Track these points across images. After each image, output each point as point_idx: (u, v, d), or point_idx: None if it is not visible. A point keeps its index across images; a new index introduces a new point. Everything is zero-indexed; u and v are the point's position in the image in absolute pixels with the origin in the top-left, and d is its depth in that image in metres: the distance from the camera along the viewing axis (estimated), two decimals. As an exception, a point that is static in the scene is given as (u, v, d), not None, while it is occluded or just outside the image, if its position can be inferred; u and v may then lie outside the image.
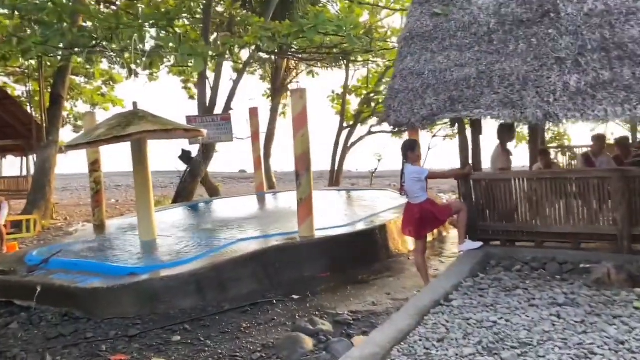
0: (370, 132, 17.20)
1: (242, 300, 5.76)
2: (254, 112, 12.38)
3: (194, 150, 13.56)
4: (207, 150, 13.21)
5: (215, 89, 13.16)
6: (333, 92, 20.16)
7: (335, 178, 16.51)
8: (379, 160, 18.23)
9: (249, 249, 6.58)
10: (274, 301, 5.68)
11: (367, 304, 5.43)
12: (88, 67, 24.93)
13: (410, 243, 7.89)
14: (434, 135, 14.73)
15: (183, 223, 9.21)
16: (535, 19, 5.48)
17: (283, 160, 28.10)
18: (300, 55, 15.02)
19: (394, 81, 5.92)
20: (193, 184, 13.23)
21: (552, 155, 8.80)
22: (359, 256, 7.10)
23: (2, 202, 10.12)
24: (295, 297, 5.80)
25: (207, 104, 13.04)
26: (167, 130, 6.90)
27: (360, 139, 17.05)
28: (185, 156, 13.26)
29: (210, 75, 13.97)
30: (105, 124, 7.18)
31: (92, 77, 25.49)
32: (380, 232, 7.44)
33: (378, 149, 17.99)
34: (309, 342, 4.43)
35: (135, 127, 6.72)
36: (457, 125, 5.84)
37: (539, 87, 4.92)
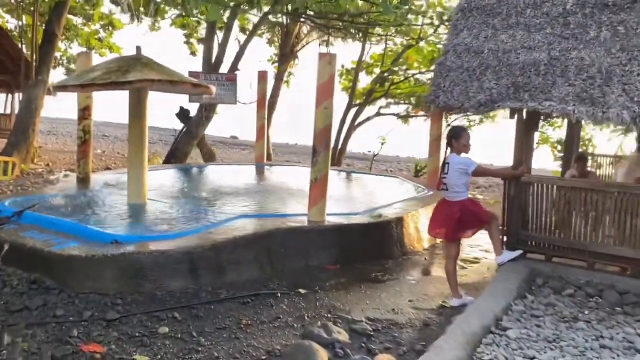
0: (378, 113, 16.37)
1: (241, 288, 5.00)
2: (262, 76, 11.46)
3: (193, 109, 12.66)
4: (207, 111, 12.30)
5: (223, 46, 12.21)
6: (342, 66, 19.21)
7: (337, 157, 15.69)
8: (382, 144, 17.39)
9: (252, 228, 5.79)
10: (279, 294, 4.92)
11: (387, 311, 4.70)
12: (87, 7, 23.68)
13: (425, 241, 7.17)
14: (448, 125, 13.91)
15: (176, 188, 8.39)
16: (624, 4, 4.67)
17: (279, 131, 27.03)
18: (318, 21, 14.04)
19: (445, 57, 5.10)
20: (188, 146, 12.36)
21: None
22: (371, 250, 6.36)
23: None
24: (302, 291, 5.05)
25: (213, 62, 12.09)
26: (173, 82, 6.03)
27: (368, 119, 16.21)
28: (182, 114, 12.34)
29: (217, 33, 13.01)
30: (102, 66, 6.27)
31: (90, 19, 24.22)
32: (396, 225, 6.68)
33: (382, 132, 16.83)
34: (323, 355, 3.69)
35: (137, 74, 5.84)
36: (516, 117, 5.02)
37: (627, 84, 4.14)
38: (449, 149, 4.67)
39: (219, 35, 12.79)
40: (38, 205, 6.26)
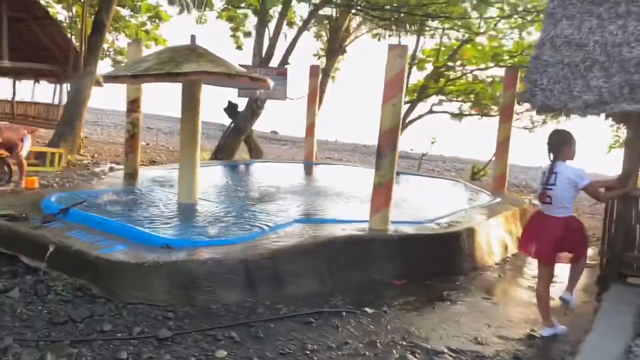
0: (431, 111, 15.65)
1: (301, 303, 4.52)
2: (314, 71, 10.96)
3: (241, 103, 12.29)
4: (257, 106, 11.90)
5: (274, 40, 11.78)
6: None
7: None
8: (433, 143, 16.65)
9: (310, 235, 5.31)
10: (344, 313, 4.42)
11: (469, 339, 4.13)
12: (135, -1, 23.72)
13: (496, 255, 6.54)
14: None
15: (226, 186, 7.99)
16: None
17: (322, 128, 26.54)
18: (373, 13, 13.46)
19: (541, 50, 4.48)
20: (236, 141, 12.00)
21: None
22: (440, 264, 5.79)
23: (25, 134, 9.04)
24: (369, 310, 4.54)
25: (263, 56, 11.69)
26: (231, 75, 5.60)
27: (420, 117, 15.51)
28: (231, 109, 11.98)
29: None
30: (154, 56, 5.90)
31: (138, 10, 24.29)
32: (467, 237, 6.08)
33: (427, 130, 16.12)
34: (406, 396, 3.17)
35: (193, 66, 5.43)
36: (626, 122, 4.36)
37: None
38: (551, 155, 4.05)
39: (269, 29, 12.38)
40: (85, 202, 5.95)
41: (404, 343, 3.97)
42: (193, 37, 6.20)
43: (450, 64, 14.51)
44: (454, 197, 8.39)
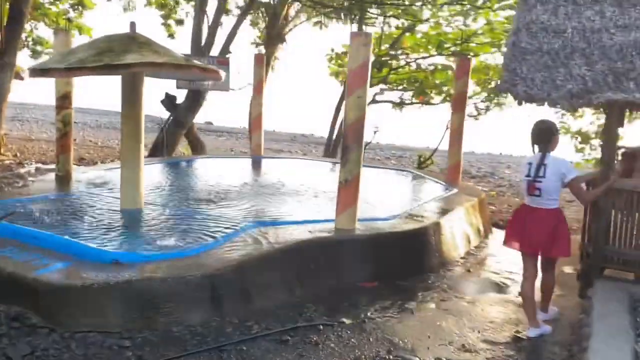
0: (374, 101, 15.47)
1: (272, 317, 4.13)
2: (259, 60, 10.44)
3: (180, 95, 11.58)
4: (197, 98, 11.25)
5: (214, 27, 11.14)
6: (332, 50, 18.22)
7: (332, 148, 14.78)
8: (375, 132, 16.51)
9: (276, 240, 4.90)
10: (320, 326, 4.06)
11: (456, 347, 3.88)
12: (55, -16, 22.11)
13: (461, 248, 6.39)
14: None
15: (171, 187, 7.39)
16: None
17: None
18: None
19: (517, 37, 4.26)
20: (176, 136, 11.30)
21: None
22: (410, 262, 5.55)
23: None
24: (346, 321, 4.20)
25: (203, 44, 11.04)
26: (180, 66, 5.05)
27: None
28: (169, 101, 11.24)
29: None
30: (89, 47, 5.24)
31: (59, -3, 22.64)
32: (435, 232, 5.87)
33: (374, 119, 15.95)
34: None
35: (136, 56, 4.84)
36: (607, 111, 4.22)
37: None
38: (536, 146, 3.84)
39: (208, 16, 11.72)
40: (14, 213, 5.25)
41: (391, 357, 3.66)
42: (133, 24, 5.58)
43: (392, 52, 14.33)
44: (410, 190, 8.22)
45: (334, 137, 15.07)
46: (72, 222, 5.27)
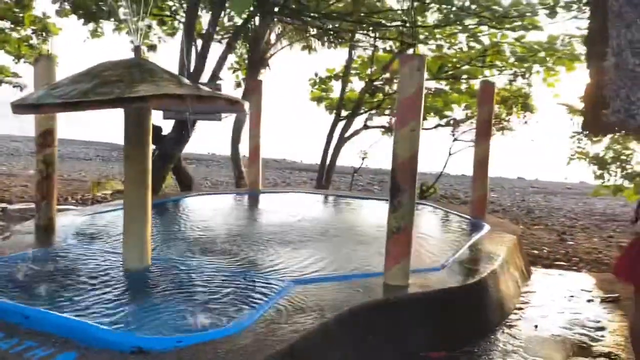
0: (366, 126, 14.86)
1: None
2: (256, 87, 9.66)
3: (166, 127, 10.64)
4: (184, 129, 10.32)
5: (204, 53, 10.32)
6: (316, 75, 17.58)
7: (326, 177, 14.01)
8: (363, 159, 15.86)
9: (325, 304, 4.04)
10: None
11: None
12: (16, 10, 20.97)
13: (515, 297, 5.65)
14: (456, 139, 12.56)
15: (173, 235, 6.43)
16: None
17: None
18: (319, 22, 12.40)
19: (621, 58, 3.56)
20: (164, 171, 10.31)
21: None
22: (472, 322, 4.77)
23: None
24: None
25: (192, 71, 10.19)
26: (201, 98, 4.20)
27: (356, 132, 14.65)
28: (154, 133, 10.23)
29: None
30: (89, 75, 4.33)
31: (21, 23, 21.47)
32: (493, 283, 5.12)
33: (363, 146, 15.33)
34: None
35: (152, 87, 3.97)
36: None
37: None
38: None
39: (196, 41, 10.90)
40: (-6, 283, 4.24)
41: None
42: (138, 48, 4.74)
43: (386, 76, 13.78)
44: (439, 228, 7.47)
45: (328, 164, 14.35)
46: (67, 291, 4.28)
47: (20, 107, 4.22)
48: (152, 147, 10.53)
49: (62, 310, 3.79)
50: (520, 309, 5.52)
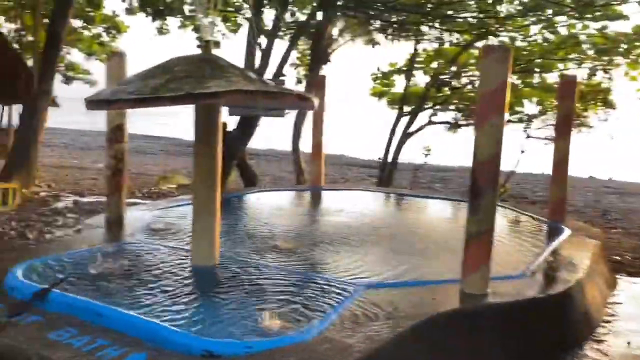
0: (430, 122, 14.42)
1: None
2: (320, 83, 9.53)
3: (230, 123, 10.65)
4: (249, 125, 10.31)
5: (268, 49, 10.26)
6: (378, 69, 17.24)
7: (388, 174, 13.70)
8: (426, 155, 15.41)
9: (404, 312, 3.82)
10: None
11: None
12: (88, 9, 21.82)
13: (602, 308, 5.23)
14: (529, 136, 11.98)
15: (239, 233, 6.37)
16: None
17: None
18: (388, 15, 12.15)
19: None
20: (228, 167, 10.33)
21: None
22: (559, 335, 4.42)
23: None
24: None
25: (257, 68, 10.15)
26: (273, 94, 4.07)
27: (420, 128, 14.25)
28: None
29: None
30: (159, 71, 4.29)
31: (91, 21, 22.32)
32: (580, 292, 4.74)
33: (425, 142, 14.87)
34: None
35: (223, 83, 3.88)
36: None
37: None
38: None
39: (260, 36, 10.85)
40: (65, 280, 4.28)
41: None
42: (208, 43, 4.66)
43: (454, 69, 13.32)
44: (515, 231, 7.03)
45: (390, 160, 14.05)
46: (137, 289, 4.26)
47: (93, 103, 4.24)
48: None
49: (131, 308, 3.76)
50: (608, 321, 5.10)
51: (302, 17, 15.27)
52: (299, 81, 20.57)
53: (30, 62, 14.76)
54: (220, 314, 3.83)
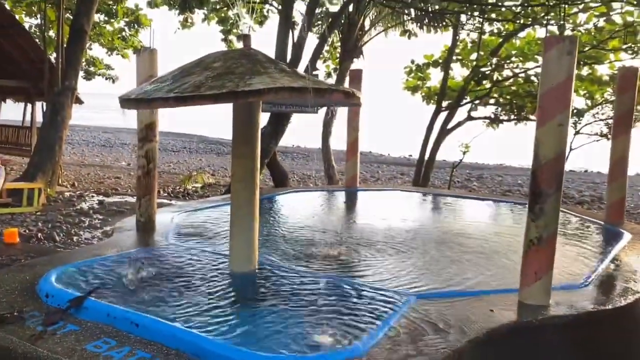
0: (470, 117, 14.16)
1: None
2: (356, 76, 9.40)
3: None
4: (281, 122, 10.26)
5: (300, 42, 10.18)
6: (413, 62, 17.00)
7: (425, 173, 13.51)
8: (464, 153, 15.14)
9: (452, 325, 3.69)
10: None
11: None
12: (111, 2, 22.08)
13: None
14: (577, 132, 11.63)
15: (274, 235, 6.31)
16: None
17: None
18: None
19: None
20: (260, 166, 10.32)
21: None
22: (626, 351, 4.23)
23: (-1, 168, 7.33)
24: None
25: (288, 61, 10.09)
26: (319, 91, 3.96)
27: (459, 124, 14.01)
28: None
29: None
30: (199, 67, 4.23)
31: (114, 15, 22.60)
32: (649, 305, 4.53)
33: (464, 138, 14.60)
34: None
35: (266, 80, 3.79)
36: None
37: None
38: None
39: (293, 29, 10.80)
40: (100, 288, 4.26)
41: None
42: (248, 38, 4.58)
43: (494, 61, 13.04)
44: (571, 236, 6.80)
45: (427, 158, 13.86)
46: (173, 295, 4.22)
47: (129, 102, 4.19)
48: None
49: (169, 318, 3.71)
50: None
51: (332, 9, 15.17)
52: (328, 75, 20.51)
53: (53, 58, 14.99)
54: (262, 324, 3.74)
